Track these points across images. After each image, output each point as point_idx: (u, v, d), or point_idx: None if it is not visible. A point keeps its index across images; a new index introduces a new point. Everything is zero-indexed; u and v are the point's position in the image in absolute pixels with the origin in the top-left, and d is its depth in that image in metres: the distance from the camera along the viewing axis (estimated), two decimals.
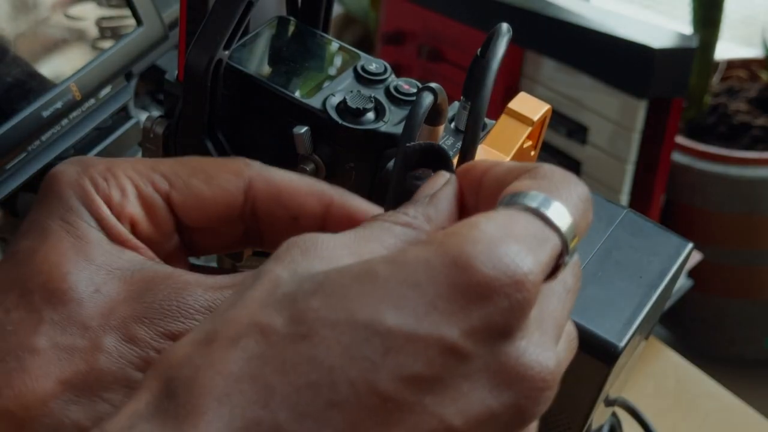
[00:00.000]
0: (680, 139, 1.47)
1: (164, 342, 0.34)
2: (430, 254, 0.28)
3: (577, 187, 0.31)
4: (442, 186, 0.34)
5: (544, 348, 0.29)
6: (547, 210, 0.29)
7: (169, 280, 0.35)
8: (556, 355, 0.30)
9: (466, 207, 0.34)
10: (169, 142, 0.47)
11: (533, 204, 0.29)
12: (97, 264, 0.35)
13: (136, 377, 0.34)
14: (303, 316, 0.28)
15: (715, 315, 1.58)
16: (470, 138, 0.36)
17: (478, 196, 0.33)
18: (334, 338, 0.27)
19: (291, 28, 0.49)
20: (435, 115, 0.41)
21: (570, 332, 0.32)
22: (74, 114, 0.55)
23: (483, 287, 0.27)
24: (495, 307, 0.27)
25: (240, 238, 0.40)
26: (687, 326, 1.63)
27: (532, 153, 0.44)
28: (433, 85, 0.37)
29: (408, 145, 0.36)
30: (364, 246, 0.31)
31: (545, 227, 0.29)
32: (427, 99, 0.36)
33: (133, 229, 0.37)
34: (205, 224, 0.38)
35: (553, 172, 0.31)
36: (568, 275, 0.32)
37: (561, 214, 0.30)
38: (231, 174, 0.38)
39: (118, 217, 0.37)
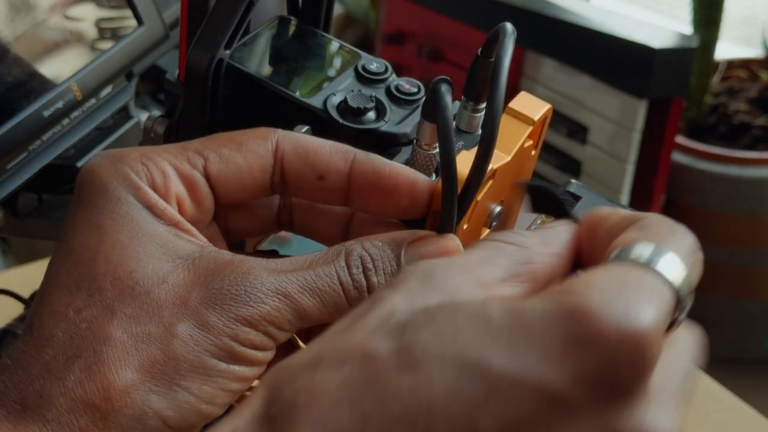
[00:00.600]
0: (680, 139, 1.47)
1: (237, 327, 0.34)
2: (546, 304, 0.27)
3: (686, 238, 0.31)
4: (560, 223, 0.34)
5: (667, 414, 0.28)
6: (659, 263, 0.29)
7: (232, 266, 0.35)
8: (677, 426, 0.28)
9: (580, 253, 0.34)
10: (170, 142, 0.47)
11: (645, 257, 0.29)
12: (157, 255, 0.35)
13: (212, 364, 0.34)
14: (410, 347, 0.28)
15: (715, 315, 1.58)
16: (487, 141, 0.36)
17: (592, 244, 0.33)
18: (438, 373, 0.27)
19: (292, 28, 0.49)
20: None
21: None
22: (75, 114, 0.55)
23: (600, 339, 0.26)
24: (612, 360, 0.26)
25: (273, 218, 0.40)
26: None
27: (533, 153, 0.44)
28: (442, 77, 0.37)
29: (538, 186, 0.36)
30: (480, 269, 0.31)
31: (658, 280, 0.28)
32: (447, 94, 0.36)
33: (180, 209, 0.37)
34: (241, 194, 0.38)
35: (661, 222, 0.31)
36: (690, 342, 0.31)
37: (673, 267, 0.29)
38: (258, 138, 0.38)
39: (165, 199, 0.37)
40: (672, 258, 0.29)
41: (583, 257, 0.34)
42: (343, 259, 0.36)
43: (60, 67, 0.56)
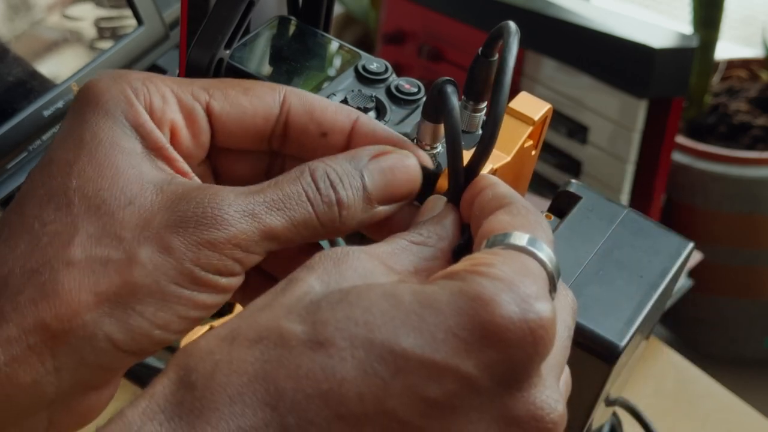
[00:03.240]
0: (680, 139, 1.47)
1: (200, 251, 0.34)
2: (454, 288, 0.29)
3: (548, 227, 0.34)
4: (446, 210, 0.36)
5: (553, 390, 0.31)
6: (537, 250, 0.32)
7: (200, 190, 0.35)
8: (562, 397, 0.31)
9: (463, 212, 0.37)
10: None
11: (523, 243, 0.32)
12: (129, 175, 0.35)
13: (171, 290, 0.34)
14: (323, 325, 0.29)
15: (715, 315, 1.58)
16: (488, 140, 0.36)
17: (474, 203, 0.36)
18: (349, 351, 0.28)
19: (292, 28, 0.49)
20: (440, 113, 0.41)
21: (566, 369, 0.34)
22: None
23: (509, 326, 0.29)
24: (517, 347, 0.29)
25: (263, 172, 0.40)
26: (687, 326, 1.63)
27: (533, 153, 0.44)
28: (446, 78, 0.37)
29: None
30: (391, 259, 0.33)
31: (539, 266, 0.31)
32: (453, 95, 0.37)
33: (173, 137, 0.37)
34: (239, 138, 0.38)
35: (528, 210, 0.34)
36: (567, 315, 0.34)
37: (547, 253, 0.32)
38: (267, 87, 0.39)
39: (159, 124, 0.37)
40: (544, 245, 0.32)
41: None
42: (308, 176, 0.36)
43: (60, 67, 0.56)
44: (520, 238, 0.32)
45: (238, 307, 0.62)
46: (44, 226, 0.34)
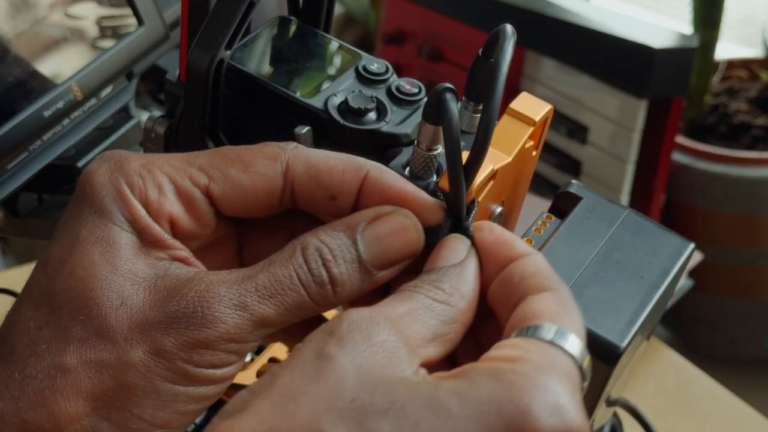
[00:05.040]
0: (680, 139, 1.47)
1: (193, 350, 0.34)
2: (502, 399, 0.30)
3: (580, 316, 0.34)
4: (469, 260, 0.36)
5: None
6: (578, 353, 0.33)
7: (190, 285, 0.34)
8: None
9: (486, 274, 0.36)
10: (170, 142, 0.47)
11: (566, 346, 0.32)
12: (122, 273, 0.35)
13: (166, 389, 0.34)
14: None
15: (715, 315, 1.58)
16: (481, 143, 0.36)
17: (499, 277, 0.35)
18: None
19: (292, 28, 0.49)
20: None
21: None
22: (75, 114, 0.55)
23: None
24: None
25: (278, 204, 0.39)
26: (687, 326, 1.63)
27: (534, 153, 0.44)
28: (447, 84, 0.37)
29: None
30: (409, 327, 0.33)
31: (574, 366, 0.32)
32: (452, 103, 0.36)
33: (173, 226, 0.37)
34: (245, 213, 0.38)
35: (568, 297, 0.34)
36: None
37: (579, 348, 0.33)
38: (268, 159, 0.37)
39: (156, 217, 0.36)
40: (581, 344, 0.33)
41: (486, 279, 0.36)
42: (300, 256, 0.35)
43: (60, 67, 0.56)
44: (558, 333, 0.33)
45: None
46: (39, 329, 0.34)
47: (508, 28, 0.38)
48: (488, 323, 0.36)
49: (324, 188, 0.37)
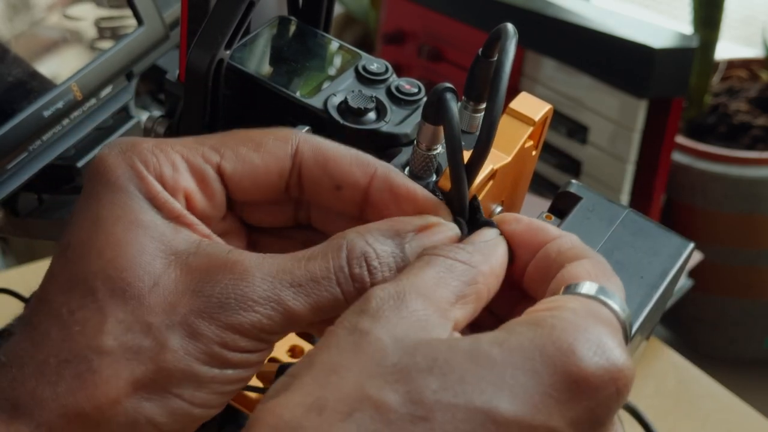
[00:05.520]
0: (680, 139, 1.47)
1: (227, 335, 0.34)
2: (544, 341, 0.30)
3: (620, 282, 0.35)
4: (498, 239, 0.36)
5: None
6: (616, 303, 0.33)
7: (226, 270, 0.34)
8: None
9: (520, 262, 0.36)
10: None
11: (602, 296, 0.33)
12: (151, 250, 0.35)
13: (203, 372, 0.34)
14: (420, 396, 0.28)
15: (715, 315, 1.58)
16: (484, 141, 0.36)
17: (535, 257, 0.36)
18: (451, 422, 0.28)
19: (292, 28, 0.49)
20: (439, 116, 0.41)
21: None
22: (75, 114, 0.55)
23: (592, 379, 0.30)
24: (601, 398, 0.30)
25: (291, 214, 0.40)
26: (687, 326, 1.62)
27: (534, 153, 0.44)
28: (447, 84, 0.37)
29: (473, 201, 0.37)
30: (436, 293, 0.32)
31: (614, 316, 0.32)
32: (453, 101, 0.36)
33: (188, 203, 0.37)
34: (255, 195, 0.38)
35: (604, 262, 0.35)
36: None
37: (621, 305, 0.33)
38: (279, 140, 0.37)
39: (172, 193, 0.36)
40: (619, 298, 0.33)
41: (521, 262, 0.36)
42: (344, 258, 0.35)
43: (60, 67, 0.56)
44: (596, 289, 0.33)
45: None
46: (72, 313, 0.34)
47: (509, 27, 0.38)
48: (523, 307, 0.35)
49: (330, 176, 0.37)
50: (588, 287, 0.33)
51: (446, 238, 0.36)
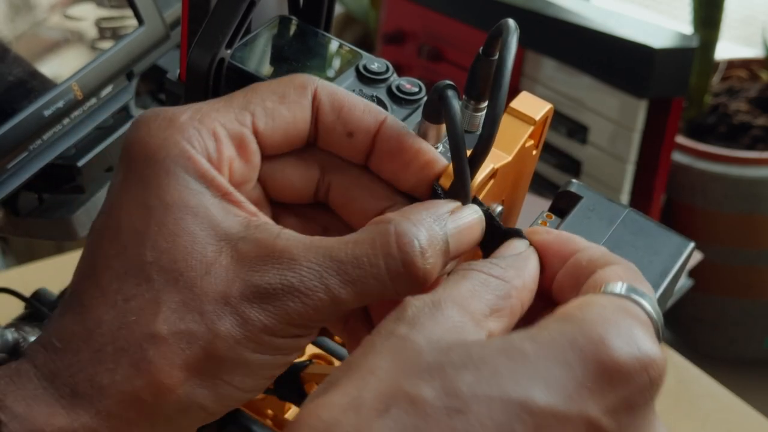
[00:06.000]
0: (680, 139, 1.47)
1: (276, 323, 0.34)
2: (573, 331, 0.30)
3: (650, 287, 0.35)
4: (529, 252, 0.36)
5: (661, 423, 0.32)
6: (647, 302, 0.33)
7: (274, 259, 0.35)
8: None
9: (550, 272, 0.36)
10: None
11: (633, 294, 0.33)
12: (203, 237, 0.35)
13: (253, 359, 0.35)
14: (455, 389, 0.29)
15: (715, 315, 1.58)
16: (486, 138, 0.36)
17: (565, 266, 0.36)
18: (487, 414, 0.28)
19: (293, 28, 0.49)
20: (440, 114, 0.41)
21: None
22: (75, 113, 0.55)
23: (624, 368, 0.30)
24: (635, 386, 0.30)
25: (312, 190, 0.40)
26: (687, 326, 1.63)
27: (534, 152, 0.44)
28: (447, 81, 0.37)
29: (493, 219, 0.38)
30: (471, 304, 0.33)
31: (647, 317, 0.32)
32: (454, 100, 0.36)
33: (229, 173, 0.37)
34: (285, 146, 0.38)
35: (635, 268, 0.35)
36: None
37: (653, 305, 0.33)
38: (298, 88, 0.38)
39: (218, 166, 0.36)
40: (651, 298, 0.33)
41: (551, 274, 0.36)
42: (394, 244, 0.35)
43: (60, 67, 0.56)
44: (629, 289, 0.33)
45: None
46: (127, 301, 0.35)
47: (510, 22, 0.38)
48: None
49: (344, 123, 0.38)
50: (619, 287, 0.33)
51: (473, 221, 0.37)
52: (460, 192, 0.37)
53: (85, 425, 0.34)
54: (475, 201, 0.38)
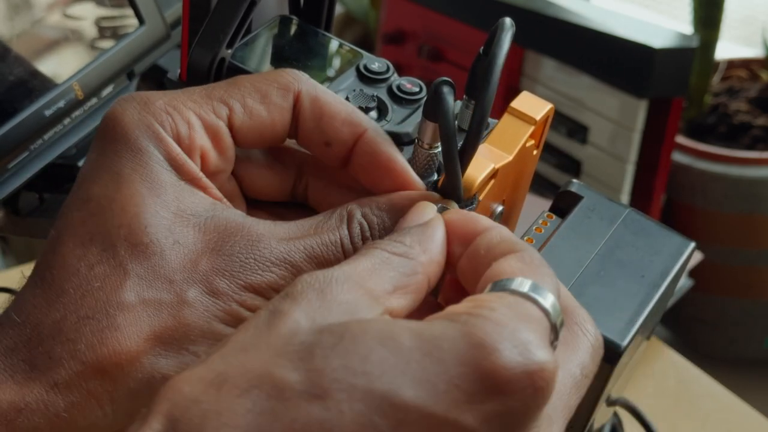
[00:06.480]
0: (680, 139, 1.47)
1: (245, 293, 0.35)
2: (456, 332, 0.29)
3: (554, 276, 0.33)
4: (435, 221, 0.35)
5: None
6: (543, 299, 0.31)
7: (243, 232, 0.35)
8: None
9: (451, 253, 0.35)
10: None
11: (528, 291, 0.31)
12: (172, 211, 0.35)
13: (220, 329, 0.34)
14: (319, 374, 0.28)
15: (715, 315, 1.58)
16: (473, 136, 0.36)
17: (467, 248, 0.35)
18: (347, 404, 0.27)
19: (293, 27, 0.49)
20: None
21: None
22: (76, 113, 0.55)
23: (505, 376, 0.28)
24: (517, 397, 0.28)
25: (289, 188, 0.40)
26: (687, 326, 1.63)
27: (535, 152, 0.44)
28: (444, 78, 0.37)
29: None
30: (370, 281, 0.32)
31: (541, 313, 0.31)
32: (449, 96, 0.36)
33: (202, 161, 0.37)
34: (259, 144, 0.39)
35: (537, 259, 0.33)
36: (585, 354, 0.34)
37: (550, 300, 0.31)
38: (281, 89, 0.38)
39: (188, 152, 0.37)
40: (549, 294, 0.31)
41: (453, 256, 0.35)
42: (345, 227, 0.36)
43: (61, 67, 0.56)
44: (525, 285, 0.31)
45: None
46: (91, 268, 0.34)
47: (507, 20, 0.38)
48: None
49: (321, 131, 0.38)
50: (515, 283, 0.32)
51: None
52: (450, 191, 0.37)
53: (38, 399, 0.33)
54: (474, 199, 0.38)
